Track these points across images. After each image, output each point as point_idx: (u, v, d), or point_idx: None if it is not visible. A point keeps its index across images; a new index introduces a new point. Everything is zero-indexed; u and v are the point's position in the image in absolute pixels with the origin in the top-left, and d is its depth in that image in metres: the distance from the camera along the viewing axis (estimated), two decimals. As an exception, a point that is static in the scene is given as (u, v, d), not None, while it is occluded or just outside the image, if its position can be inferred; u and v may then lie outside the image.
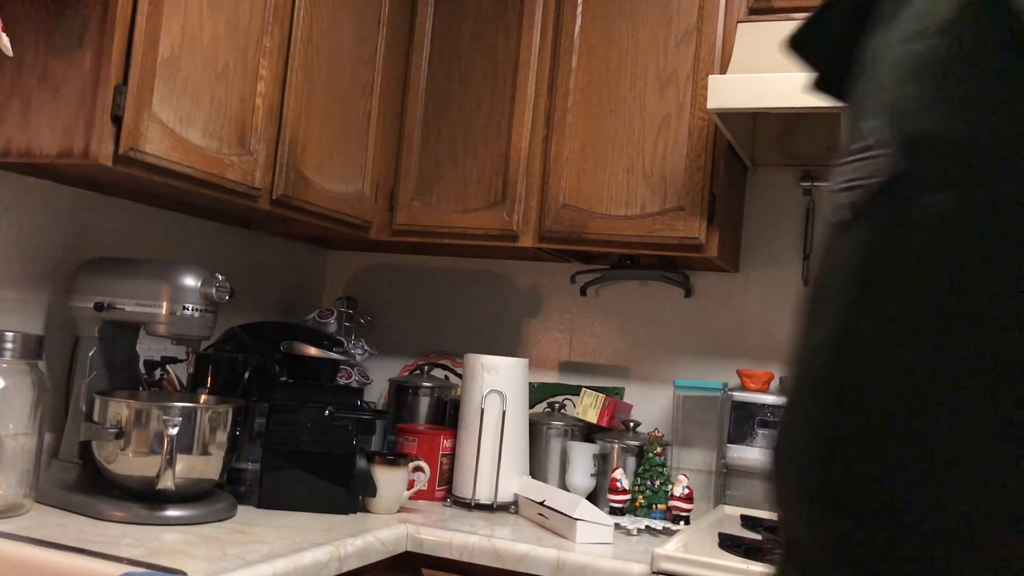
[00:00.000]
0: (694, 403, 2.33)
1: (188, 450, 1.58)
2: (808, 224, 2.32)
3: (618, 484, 2.00)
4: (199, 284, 1.68)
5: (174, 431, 1.54)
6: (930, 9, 0.58)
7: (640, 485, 2.06)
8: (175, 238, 2.11)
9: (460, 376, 2.32)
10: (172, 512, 1.55)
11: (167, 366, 1.82)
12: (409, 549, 1.74)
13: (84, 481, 1.63)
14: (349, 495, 1.81)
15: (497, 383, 2.05)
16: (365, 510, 1.87)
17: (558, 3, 2.20)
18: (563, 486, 2.09)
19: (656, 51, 2.10)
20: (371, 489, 1.86)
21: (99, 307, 1.66)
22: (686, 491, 2.04)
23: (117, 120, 1.47)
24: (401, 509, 1.91)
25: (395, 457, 1.92)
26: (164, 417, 1.55)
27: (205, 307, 1.68)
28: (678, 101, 2.07)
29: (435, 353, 2.60)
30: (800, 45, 0.78)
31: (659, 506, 2.05)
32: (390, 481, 1.87)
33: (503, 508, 2.01)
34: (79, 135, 1.47)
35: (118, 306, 1.66)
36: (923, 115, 0.56)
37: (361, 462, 1.85)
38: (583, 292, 2.46)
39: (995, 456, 0.52)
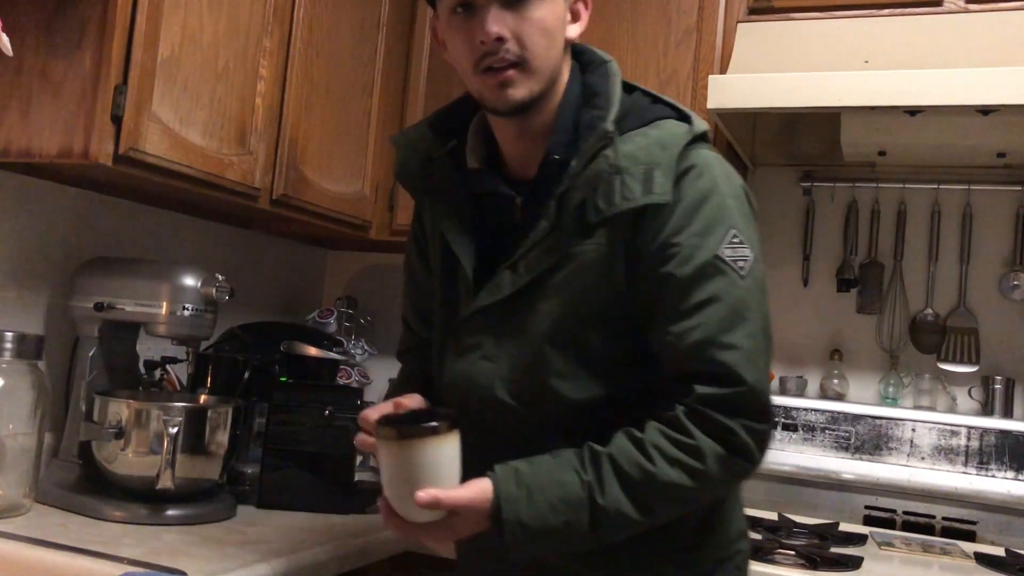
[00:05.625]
0: (694, 403, 2.32)
1: (188, 450, 1.57)
2: (808, 224, 2.32)
3: (618, 484, 2.00)
4: (199, 284, 1.68)
5: (174, 431, 1.54)
6: None
7: (640, 485, 2.05)
8: (175, 238, 2.11)
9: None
10: (172, 512, 1.55)
11: (167, 366, 1.82)
12: (409, 549, 1.73)
13: (84, 481, 1.62)
14: (349, 495, 1.81)
15: (497, 383, 2.04)
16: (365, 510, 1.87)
17: (558, 3, 2.19)
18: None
19: (656, 51, 2.10)
20: (371, 489, 1.86)
21: (99, 307, 1.66)
22: (686, 491, 2.03)
23: (117, 120, 1.47)
24: (401, 509, 1.91)
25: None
26: (164, 417, 1.55)
27: (205, 307, 1.68)
28: (678, 101, 2.07)
29: (435, 353, 2.59)
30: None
31: (659, 506, 2.04)
32: (390, 481, 1.87)
33: (503, 508, 2.00)
34: (79, 135, 1.47)
35: (118, 306, 1.66)
36: None
37: (361, 462, 1.85)
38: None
39: None
